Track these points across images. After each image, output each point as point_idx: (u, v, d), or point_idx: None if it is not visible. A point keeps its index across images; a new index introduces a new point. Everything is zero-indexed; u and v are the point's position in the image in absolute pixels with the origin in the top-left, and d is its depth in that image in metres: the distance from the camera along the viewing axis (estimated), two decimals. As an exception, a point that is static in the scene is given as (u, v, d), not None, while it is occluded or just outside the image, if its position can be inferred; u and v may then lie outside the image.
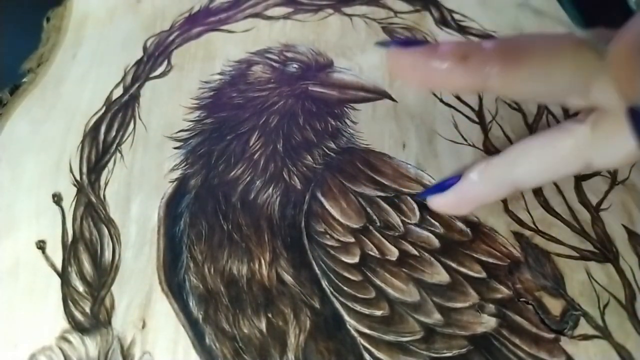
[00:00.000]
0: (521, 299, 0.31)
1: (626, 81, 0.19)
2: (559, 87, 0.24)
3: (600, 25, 0.23)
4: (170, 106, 0.39)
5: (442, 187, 0.30)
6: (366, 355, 0.30)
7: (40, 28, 0.44)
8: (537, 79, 0.23)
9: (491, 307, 0.31)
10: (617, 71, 0.20)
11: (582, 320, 0.31)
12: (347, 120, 0.39)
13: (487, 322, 0.30)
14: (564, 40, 0.23)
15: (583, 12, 0.45)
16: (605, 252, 0.33)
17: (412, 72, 0.26)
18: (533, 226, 0.34)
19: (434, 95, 0.40)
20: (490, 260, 0.33)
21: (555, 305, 0.31)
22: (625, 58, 0.19)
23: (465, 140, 0.38)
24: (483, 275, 0.32)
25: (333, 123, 0.38)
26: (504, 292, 0.32)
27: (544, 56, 0.23)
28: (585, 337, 0.30)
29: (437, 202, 0.31)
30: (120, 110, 0.39)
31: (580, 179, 0.36)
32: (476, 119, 0.39)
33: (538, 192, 0.35)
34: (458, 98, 0.40)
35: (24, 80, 0.41)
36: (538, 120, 0.39)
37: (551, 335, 0.30)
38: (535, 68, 0.23)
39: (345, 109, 0.39)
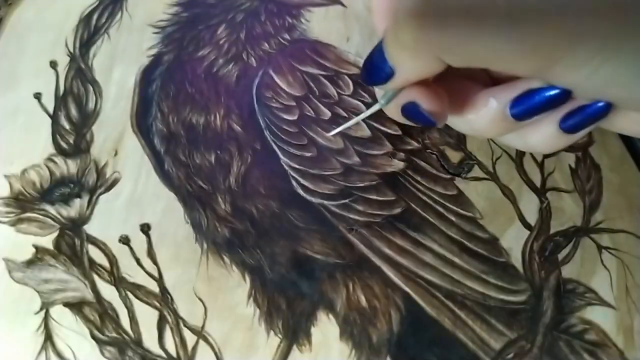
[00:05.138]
0: (427, 150, 0.38)
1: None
2: None
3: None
4: (153, 2, 0.46)
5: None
6: (293, 182, 0.36)
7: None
8: None
9: (401, 154, 0.37)
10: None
11: (476, 168, 0.37)
12: (302, 19, 0.45)
13: (396, 165, 0.37)
14: None
15: None
16: (505, 122, 0.40)
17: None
18: (447, 100, 0.40)
19: (379, 3, 0.47)
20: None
21: (455, 156, 0.38)
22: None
23: (401, 37, 0.44)
24: (399, 132, 0.38)
25: (290, 20, 0.45)
26: (414, 145, 0.38)
27: None
28: (476, 179, 0.37)
29: None
30: (111, 4, 0.46)
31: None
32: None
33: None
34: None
35: (32, -20, 0.48)
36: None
37: (448, 176, 0.37)
38: None
39: (302, 10, 0.46)
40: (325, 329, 0.33)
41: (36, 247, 0.34)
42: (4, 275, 0.33)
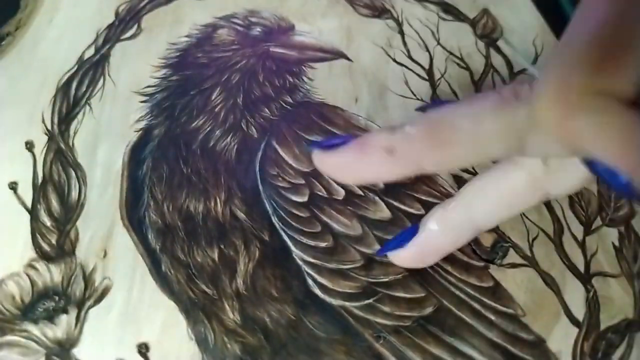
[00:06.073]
0: (456, 233, 0.34)
1: (558, 127, 0.18)
2: (494, 153, 0.23)
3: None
4: (138, 65, 0.41)
5: (400, 241, 0.30)
6: (309, 281, 0.32)
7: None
8: (469, 152, 0.22)
9: (427, 239, 0.33)
10: (546, 119, 0.19)
11: (511, 251, 0.33)
12: (304, 78, 0.41)
13: (423, 252, 0.33)
14: (485, 103, 0.22)
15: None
16: (537, 192, 0.36)
17: (341, 173, 0.26)
18: (472, 169, 0.36)
19: (388, 55, 0.43)
20: (430, 199, 0.35)
21: (486, 238, 0.34)
22: (551, 102, 0.18)
23: (415, 95, 0.40)
24: (422, 212, 0.34)
25: (291, 80, 0.41)
26: (440, 226, 0.34)
27: (470, 129, 0.21)
28: (514, 266, 0.33)
29: (399, 258, 0.30)
30: (91, 69, 0.41)
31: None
32: (426, 77, 0.42)
33: (478, 139, 0.38)
34: (410, 58, 0.43)
35: (3, 42, 0.43)
36: (484, 78, 0.42)
37: (481, 264, 0.33)
38: (464, 144, 0.22)
39: (304, 67, 0.42)
40: None
41: (19, 377, 0.30)
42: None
